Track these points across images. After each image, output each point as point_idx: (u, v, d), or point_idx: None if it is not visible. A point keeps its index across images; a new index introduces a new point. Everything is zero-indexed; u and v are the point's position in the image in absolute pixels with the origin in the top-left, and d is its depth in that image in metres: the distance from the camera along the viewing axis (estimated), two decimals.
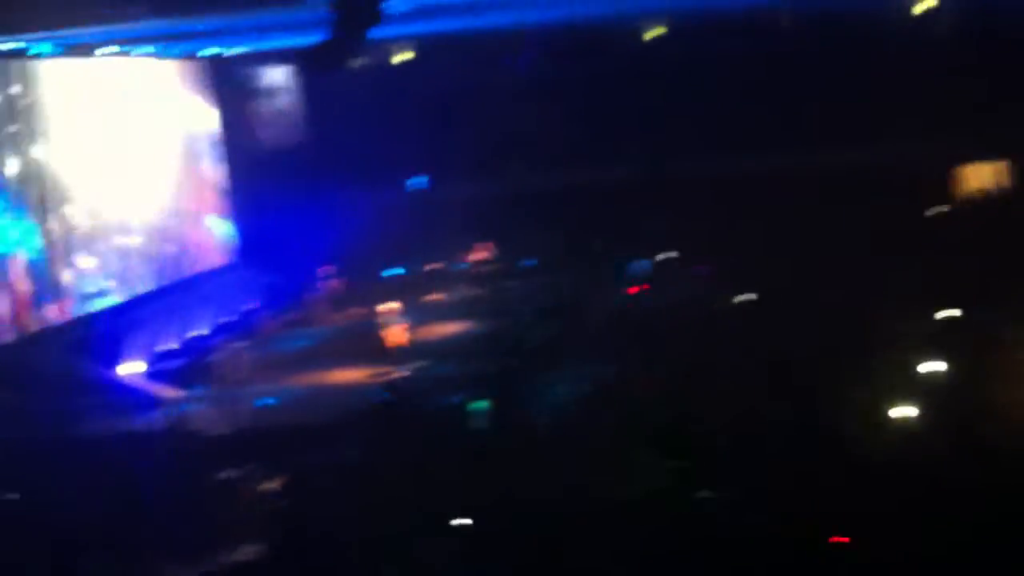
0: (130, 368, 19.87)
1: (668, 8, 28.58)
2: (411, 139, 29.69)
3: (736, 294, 22.00)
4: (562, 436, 15.88)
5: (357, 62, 28.63)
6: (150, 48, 22.58)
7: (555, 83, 29.72)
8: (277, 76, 28.66)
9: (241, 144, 26.72)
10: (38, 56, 19.99)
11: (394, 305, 20.62)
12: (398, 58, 30.79)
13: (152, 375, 19.99)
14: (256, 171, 26.73)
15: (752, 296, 22.07)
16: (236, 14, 22.09)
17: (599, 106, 29.09)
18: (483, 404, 17.44)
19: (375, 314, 21.48)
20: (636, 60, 30.00)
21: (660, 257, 26.47)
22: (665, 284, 24.40)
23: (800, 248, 23.04)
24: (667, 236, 26.84)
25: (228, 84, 26.48)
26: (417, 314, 22.95)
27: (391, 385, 17.71)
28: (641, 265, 26.35)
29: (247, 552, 13.87)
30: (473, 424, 16.61)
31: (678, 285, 24.10)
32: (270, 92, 28.57)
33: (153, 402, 18.58)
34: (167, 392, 19.16)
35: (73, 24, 19.36)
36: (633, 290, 24.31)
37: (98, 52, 21.59)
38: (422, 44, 30.26)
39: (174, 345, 22.01)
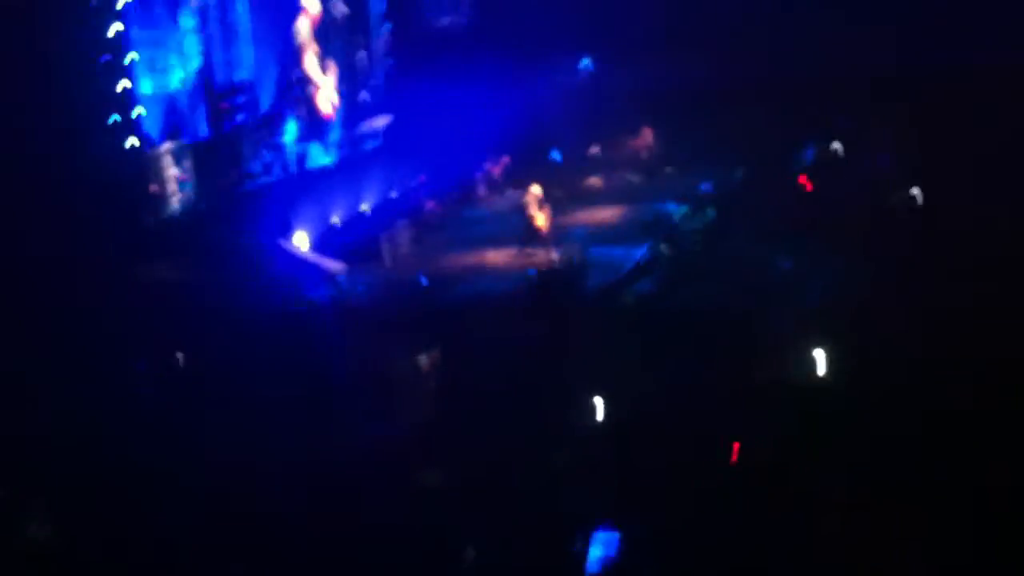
0: (297, 240, 20.75)
1: None
2: (587, 21, 29.48)
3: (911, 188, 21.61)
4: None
5: None
6: None
7: None
8: None
9: (408, 24, 26.95)
10: None
11: (537, 191, 20.85)
12: None
13: (319, 248, 20.80)
14: (422, 51, 26.98)
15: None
16: None
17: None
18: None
19: (533, 197, 21.78)
20: None
21: (835, 145, 25.93)
22: (839, 173, 23.96)
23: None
24: (842, 130, 26.24)
25: None
26: (576, 198, 23.18)
27: (541, 269, 18.14)
28: (814, 154, 25.90)
29: (403, 419, 14.78)
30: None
31: (848, 176, 23.67)
32: None
33: (318, 273, 19.42)
34: (331, 265, 19.96)
35: None
36: (802, 178, 23.94)
37: None
38: None
39: (340, 220, 22.81)
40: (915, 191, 21.85)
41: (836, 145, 26.02)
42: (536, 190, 20.68)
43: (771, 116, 26.29)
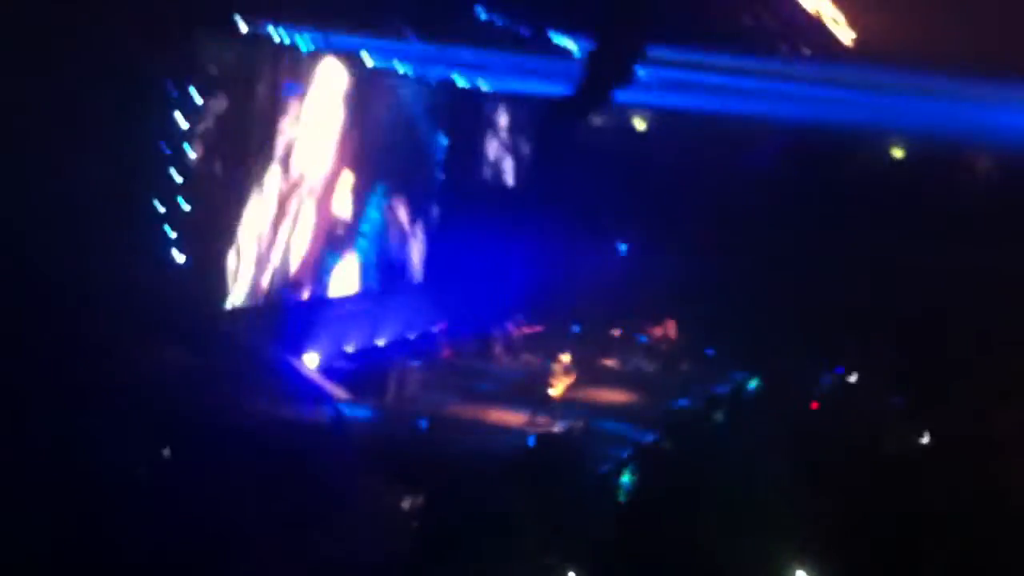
0: (309, 360, 20.74)
1: (920, 129, 27.62)
2: (630, 203, 30.07)
3: (924, 432, 21.48)
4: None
5: (596, 120, 29.16)
6: (408, 66, 23.58)
7: (790, 183, 29.43)
8: (513, 116, 29.46)
9: (461, 173, 27.52)
10: (303, 49, 20.90)
11: (567, 360, 20.88)
12: (638, 124, 31.26)
13: (328, 372, 20.78)
14: (469, 204, 27.47)
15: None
16: (493, 51, 23.07)
17: (829, 214, 28.59)
18: (626, 478, 17.59)
19: (548, 365, 21.80)
20: (878, 177, 29.49)
21: (852, 378, 25.95)
22: (850, 407, 23.89)
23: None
24: (864, 359, 26.33)
25: (464, 111, 27.33)
26: (588, 374, 23.19)
27: (540, 438, 18.02)
28: (828, 382, 25.91)
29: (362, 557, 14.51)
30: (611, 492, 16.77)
31: (862, 410, 23.59)
32: (502, 129, 29.37)
33: (320, 397, 19.35)
34: (336, 391, 19.91)
35: (339, 25, 20.48)
36: (814, 405, 23.87)
37: (361, 56, 22.55)
38: (664, 116, 30.60)
39: (354, 348, 22.83)
40: (924, 439, 21.79)
41: (852, 378, 26.12)
42: (565, 358, 20.75)
43: (799, 335, 26.49)
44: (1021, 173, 27.97)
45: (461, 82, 25.86)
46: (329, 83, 21.98)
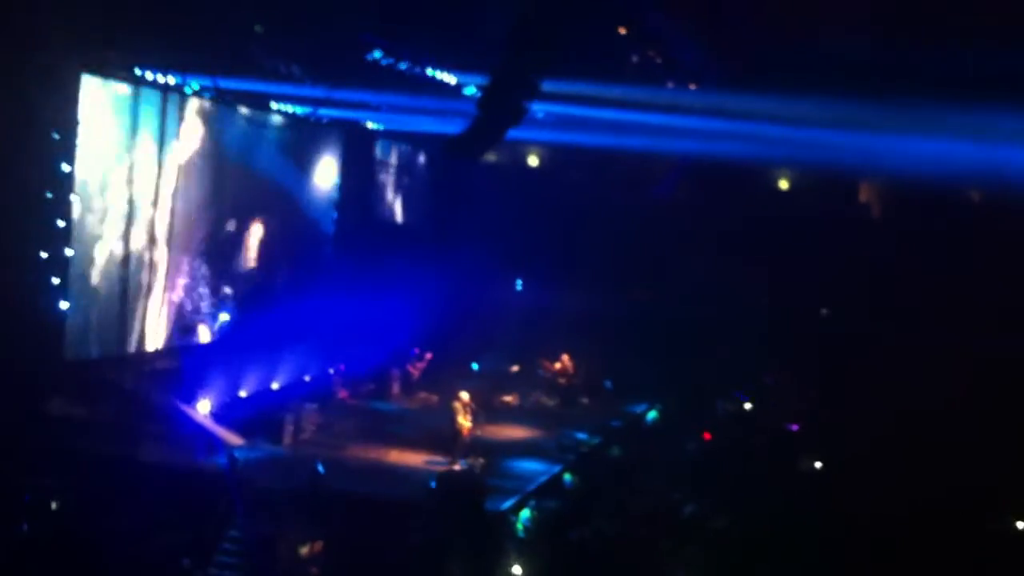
0: (202, 406, 20.35)
1: (809, 162, 28.12)
2: (526, 241, 30.23)
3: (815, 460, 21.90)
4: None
5: (490, 157, 29.32)
6: (301, 108, 23.46)
7: (690, 214, 29.91)
8: (407, 155, 29.46)
9: (356, 212, 27.37)
10: (193, 95, 20.68)
11: (466, 398, 20.86)
12: (531, 161, 31.49)
13: (220, 418, 20.39)
14: (367, 242, 27.33)
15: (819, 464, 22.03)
16: (383, 91, 23.06)
17: (726, 243, 28.99)
18: (526, 514, 17.56)
19: (447, 403, 21.72)
20: (768, 208, 30.06)
21: (748, 406, 26.35)
22: (744, 434, 24.26)
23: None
24: (763, 388, 26.78)
25: (359, 153, 27.24)
26: (488, 411, 23.14)
27: (441, 477, 17.90)
28: (724, 409, 26.28)
29: None
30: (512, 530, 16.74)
31: (754, 437, 23.99)
32: (395, 167, 29.34)
33: (213, 443, 18.97)
34: (230, 436, 19.54)
35: (228, 71, 20.27)
36: (707, 436, 24.17)
37: (246, 103, 22.39)
38: (560, 152, 30.90)
39: (247, 393, 22.47)
40: (817, 464, 22.21)
41: (748, 405, 26.55)
42: (465, 397, 20.65)
43: (694, 360, 26.89)
44: (908, 197, 28.89)
45: (353, 122, 25.78)
46: (217, 126, 21.72)
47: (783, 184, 30.77)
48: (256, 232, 23.69)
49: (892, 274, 27.49)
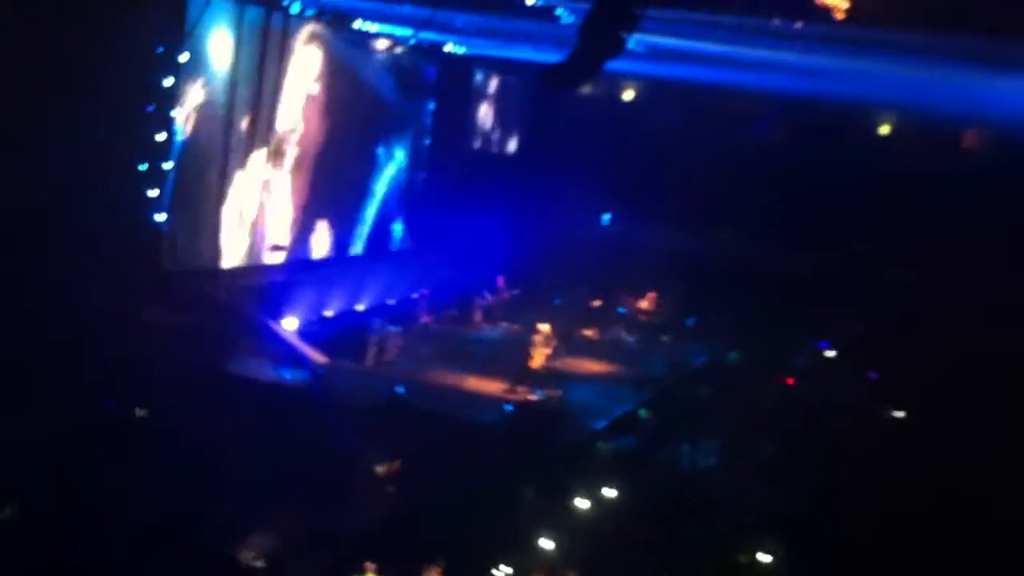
0: (289, 323, 20.79)
1: (909, 107, 27.29)
2: (616, 175, 30.09)
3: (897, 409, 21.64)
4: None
5: (587, 89, 29.03)
6: (397, 30, 23.47)
7: (778, 156, 29.42)
8: (502, 83, 29.38)
9: (447, 139, 27.47)
10: (294, 15, 20.76)
11: (547, 330, 20.94)
12: (626, 95, 31.20)
13: (307, 335, 20.83)
14: (457, 170, 27.45)
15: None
16: (484, 16, 22.93)
17: (816, 189, 28.48)
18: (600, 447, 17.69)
19: (528, 334, 21.89)
20: (868, 153, 29.42)
21: (830, 353, 26.10)
22: (826, 382, 24.06)
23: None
24: (845, 335, 26.44)
25: (453, 77, 27.18)
26: (567, 344, 23.28)
27: (517, 406, 18.12)
28: (805, 357, 26.05)
29: (342, 520, 14.67)
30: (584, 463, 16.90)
31: (838, 386, 23.76)
32: (490, 96, 29.31)
33: (298, 359, 19.41)
34: (314, 354, 19.96)
35: None
36: (790, 381, 24.05)
37: (353, 24, 22.45)
38: (655, 88, 30.45)
39: (334, 312, 22.86)
40: (899, 413, 22.00)
41: (831, 353, 26.28)
42: (545, 328, 20.78)
43: (781, 306, 26.62)
44: (1014, 149, 27.99)
45: (450, 47, 25.77)
46: (317, 46, 21.89)
47: (884, 130, 30.03)
48: (351, 154, 23.91)
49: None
